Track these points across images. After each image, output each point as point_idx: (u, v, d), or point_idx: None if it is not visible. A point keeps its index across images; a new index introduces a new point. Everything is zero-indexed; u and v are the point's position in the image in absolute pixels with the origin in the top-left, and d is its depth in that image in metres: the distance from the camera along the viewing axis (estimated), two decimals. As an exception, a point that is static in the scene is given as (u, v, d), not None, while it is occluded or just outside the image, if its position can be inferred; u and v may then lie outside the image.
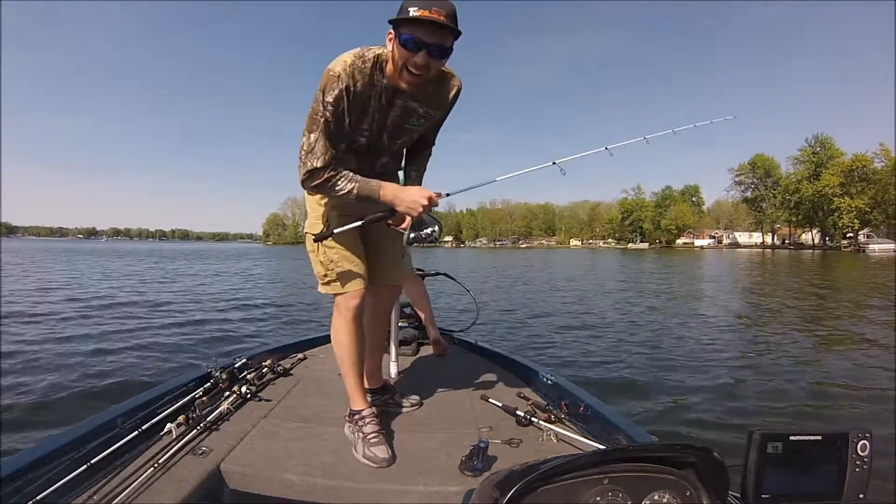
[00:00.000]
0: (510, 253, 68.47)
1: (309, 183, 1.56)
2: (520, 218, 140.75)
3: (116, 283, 14.88)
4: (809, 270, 25.48)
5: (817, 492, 0.96)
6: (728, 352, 6.24)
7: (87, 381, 4.46)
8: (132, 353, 5.58)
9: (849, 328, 7.94)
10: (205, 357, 4.45)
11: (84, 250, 49.63)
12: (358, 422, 1.74)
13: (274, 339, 6.44)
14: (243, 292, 13.17)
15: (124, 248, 68.83)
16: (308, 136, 1.50)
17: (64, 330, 6.94)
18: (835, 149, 78.82)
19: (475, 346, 3.17)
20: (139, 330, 7.11)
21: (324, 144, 1.50)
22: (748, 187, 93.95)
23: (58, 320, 7.77)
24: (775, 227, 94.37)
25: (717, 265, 32.04)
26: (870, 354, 6.09)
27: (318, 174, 1.52)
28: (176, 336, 6.76)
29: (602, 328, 7.87)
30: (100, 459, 1.44)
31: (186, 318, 8.33)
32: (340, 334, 1.82)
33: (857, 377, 4.97)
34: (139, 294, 11.84)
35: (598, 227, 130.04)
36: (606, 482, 0.93)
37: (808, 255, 54.94)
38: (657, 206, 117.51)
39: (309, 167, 1.51)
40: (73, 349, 5.71)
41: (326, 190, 1.57)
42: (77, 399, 4.02)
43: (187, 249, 67.12)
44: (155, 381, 4.13)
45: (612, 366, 5.39)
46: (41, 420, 3.54)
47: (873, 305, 10.74)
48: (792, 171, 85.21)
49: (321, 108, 1.48)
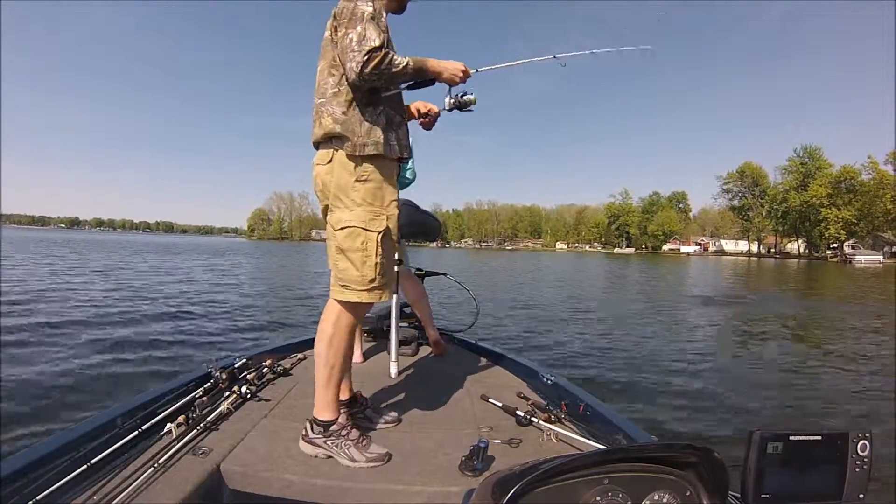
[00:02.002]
0: (495, 254, 68.09)
1: (369, 64, 1.51)
2: (506, 219, 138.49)
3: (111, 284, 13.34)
4: (807, 280, 25.60)
5: (817, 492, 0.95)
6: (728, 352, 6.29)
7: (87, 380, 4.38)
8: (128, 356, 5.38)
9: (850, 335, 7.94)
10: (204, 357, 4.23)
11: (75, 241, 47.83)
12: (340, 432, 1.64)
13: (273, 339, 6.31)
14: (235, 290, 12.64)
15: (112, 239, 66.82)
16: (355, 29, 1.52)
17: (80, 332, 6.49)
18: (823, 160, 79.22)
19: (475, 346, 3.19)
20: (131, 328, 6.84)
21: (375, 27, 1.52)
22: (735, 195, 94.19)
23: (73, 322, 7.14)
24: (761, 236, 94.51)
25: (709, 273, 32.14)
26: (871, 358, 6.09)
27: (376, 52, 1.51)
28: (173, 336, 6.53)
29: (601, 328, 7.83)
30: (100, 459, 1.43)
31: (183, 318, 8.02)
32: (344, 339, 1.70)
33: (857, 378, 5.05)
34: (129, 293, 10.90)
35: (585, 230, 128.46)
36: (606, 482, 0.93)
37: (794, 264, 55.16)
38: (644, 211, 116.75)
39: (368, 48, 1.50)
40: (77, 348, 5.55)
41: (385, 68, 1.53)
42: (77, 398, 3.93)
43: (184, 243, 64.76)
44: (155, 381, 4.13)
45: (611, 366, 5.38)
46: (40, 421, 3.43)
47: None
48: (780, 181, 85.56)
49: (363, 3, 1.54)
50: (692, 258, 77.79)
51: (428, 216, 3.01)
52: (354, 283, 1.64)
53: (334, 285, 1.69)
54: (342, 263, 1.65)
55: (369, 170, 1.65)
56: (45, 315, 7.39)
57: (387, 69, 1.53)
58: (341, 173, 1.64)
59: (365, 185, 1.64)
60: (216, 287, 13.27)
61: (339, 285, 1.67)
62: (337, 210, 1.67)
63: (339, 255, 1.65)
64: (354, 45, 1.51)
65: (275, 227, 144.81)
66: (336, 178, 1.65)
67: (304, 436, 1.68)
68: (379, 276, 1.65)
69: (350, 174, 1.64)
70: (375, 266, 1.63)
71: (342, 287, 1.66)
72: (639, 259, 62.67)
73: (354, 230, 1.63)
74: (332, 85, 1.64)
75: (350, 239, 1.63)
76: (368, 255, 1.63)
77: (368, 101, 1.65)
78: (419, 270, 3.34)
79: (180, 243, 64.08)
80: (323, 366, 1.68)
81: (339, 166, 1.65)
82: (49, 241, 46.59)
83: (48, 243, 39.32)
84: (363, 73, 1.51)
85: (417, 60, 1.63)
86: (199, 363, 2.35)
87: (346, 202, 1.65)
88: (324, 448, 1.64)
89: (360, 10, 1.53)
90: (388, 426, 1.94)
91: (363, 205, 1.64)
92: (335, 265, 1.68)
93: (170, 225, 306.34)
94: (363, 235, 1.62)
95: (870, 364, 5.84)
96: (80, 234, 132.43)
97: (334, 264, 1.68)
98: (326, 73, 1.66)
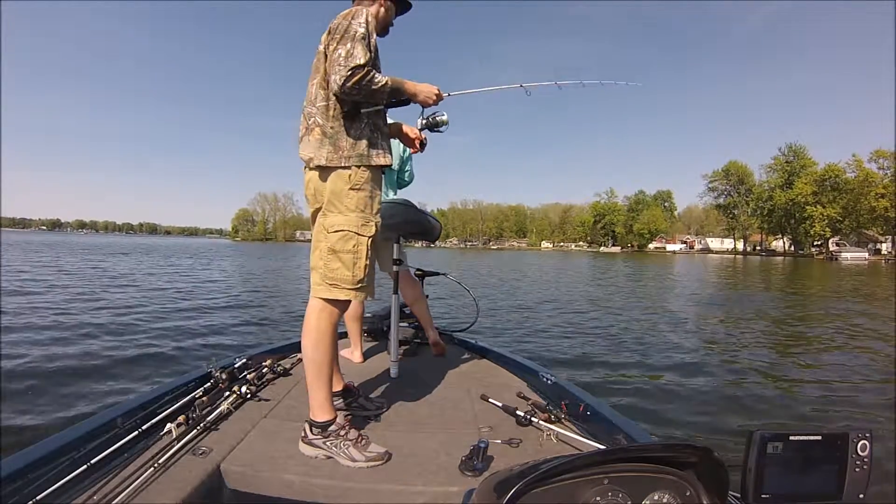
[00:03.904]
0: (481, 254, 66.28)
1: (350, 80, 1.60)
2: (491, 219, 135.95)
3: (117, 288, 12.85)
4: (802, 277, 25.17)
5: (817, 492, 0.94)
6: (728, 353, 6.19)
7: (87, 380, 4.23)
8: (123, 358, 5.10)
9: (850, 332, 7.84)
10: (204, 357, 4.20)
11: (71, 244, 44.01)
12: (339, 432, 1.66)
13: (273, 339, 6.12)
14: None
15: (99, 242, 63.06)
16: (344, 46, 1.63)
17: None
18: (807, 158, 79.44)
19: (475, 346, 3.17)
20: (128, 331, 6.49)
21: (362, 48, 1.63)
22: (721, 194, 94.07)
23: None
24: (747, 234, 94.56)
25: (698, 271, 31.83)
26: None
27: (359, 70, 1.60)
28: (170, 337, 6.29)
29: (599, 329, 7.73)
30: (100, 459, 1.43)
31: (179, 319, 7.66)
32: (328, 337, 1.74)
33: (857, 378, 4.99)
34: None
35: (570, 229, 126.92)
36: (606, 482, 0.92)
37: (780, 261, 54.83)
38: (630, 210, 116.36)
39: (353, 64, 1.60)
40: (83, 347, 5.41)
41: (365, 85, 1.63)
42: (77, 398, 3.80)
43: (164, 246, 59.24)
44: (155, 381, 4.07)
45: (611, 366, 5.32)
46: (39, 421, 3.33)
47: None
48: (765, 179, 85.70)
49: (356, 24, 1.66)
50: (678, 256, 77.57)
51: (429, 217, 2.83)
52: (344, 282, 1.73)
53: (320, 284, 1.74)
54: (334, 264, 1.73)
55: (362, 179, 1.75)
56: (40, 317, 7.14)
57: (367, 85, 1.64)
58: (336, 181, 1.73)
59: (358, 193, 1.74)
60: (210, 288, 12.76)
61: (328, 284, 1.73)
62: (331, 214, 1.75)
63: (332, 256, 1.73)
64: (341, 61, 1.62)
65: (259, 228, 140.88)
66: (331, 185, 1.74)
67: (304, 437, 1.69)
68: (366, 277, 1.77)
69: (345, 182, 1.73)
70: (364, 267, 1.75)
71: (330, 286, 1.73)
72: (625, 257, 61.99)
73: (347, 234, 1.73)
74: (322, 97, 1.74)
75: (343, 242, 1.72)
76: (359, 257, 1.74)
77: (355, 114, 1.75)
78: (419, 271, 3.30)
79: (161, 245, 59.25)
80: (311, 366, 1.72)
81: (334, 174, 1.74)
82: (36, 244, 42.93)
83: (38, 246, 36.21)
84: (344, 86, 1.61)
85: (396, 81, 1.75)
86: (199, 363, 2.31)
87: (340, 207, 1.74)
88: (323, 449, 1.65)
89: (353, 28, 1.65)
90: (381, 411, 2.05)
91: (356, 211, 1.74)
92: (326, 265, 1.73)
93: (153, 226, 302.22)
94: (355, 239, 1.73)
95: (871, 364, 5.74)
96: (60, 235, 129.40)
97: (325, 264, 1.74)
98: (318, 85, 1.75)
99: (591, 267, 32.58)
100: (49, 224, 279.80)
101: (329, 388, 1.74)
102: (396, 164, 2.97)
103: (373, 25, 1.71)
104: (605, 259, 52.70)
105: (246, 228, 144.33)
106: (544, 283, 18.20)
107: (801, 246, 79.50)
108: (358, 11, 1.70)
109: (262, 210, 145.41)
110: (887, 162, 65.68)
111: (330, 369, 1.74)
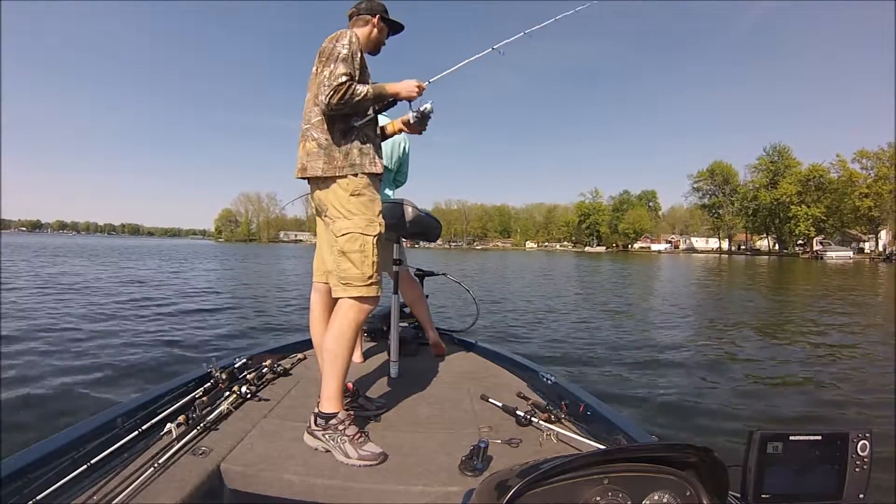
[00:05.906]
0: (466, 254, 65.19)
1: (335, 96, 1.73)
2: (475, 219, 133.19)
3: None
4: (794, 277, 25.11)
5: (817, 492, 0.94)
6: (727, 353, 6.08)
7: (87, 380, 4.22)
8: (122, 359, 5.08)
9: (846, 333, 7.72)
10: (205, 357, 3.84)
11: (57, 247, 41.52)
12: (338, 426, 1.67)
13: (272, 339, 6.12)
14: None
15: (90, 244, 59.90)
16: (328, 67, 1.76)
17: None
18: (792, 158, 79.49)
19: (475, 346, 3.15)
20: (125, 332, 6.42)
21: (345, 66, 1.76)
22: (706, 194, 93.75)
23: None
24: (732, 234, 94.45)
25: (683, 270, 31.94)
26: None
27: (342, 86, 1.72)
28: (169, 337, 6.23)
29: (599, 329, 7.62)
30: (100, 459, 1.42)
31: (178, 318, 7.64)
32: (352, 333, 1.79)
33: (856, 378, 4.88)
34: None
35: (555, 229, 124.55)
36: (606, 482, 0.92)
37: (766, 261, 54.71)
38: (614, 209, 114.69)
39: (336, 83, 1.72)
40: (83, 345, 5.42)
41: (349, 97, 1.74)
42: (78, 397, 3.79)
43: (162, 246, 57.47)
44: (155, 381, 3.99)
45: (610, 366, 5.24)
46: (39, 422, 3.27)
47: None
48: (750, 179, 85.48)
49: (340, 45, 1.78)
50: (663, 256, 77.00)
51: (429, 217, 2.77)
52: (355, 279, 1.80)
53: (336, 285, 1.83)
54: (344, 264, 1.81)
55: (360, 185, 1.84)
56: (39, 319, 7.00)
57: (350, 98, 1.75)
58: (336, 189, 1.84)
59: (359, 198, 1.84)
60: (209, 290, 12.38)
61: (342, 284, 1.81)
62: (337, 220, 1.84)
63: (342, 258, 1.81)
64: (326, 81, 1.75)
65: (242, 229, 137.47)
66: (332, 194, 1.85)
67: (308, 427, 1.72)
68: (375, 273, 1.84)
69: (344, 190, 1.83)
70: (372, 264, 1.82)
71: (344, 285, 1.81)
72: (610, 257, 61.48)
73: (353, 235, 1.81)
74: (315, 113, 1.85)
75: (350, 243, 1.81)
76: (366, 255, 1.81)
77: (346, 129, 1.85)
78: (419, 271, 3.30)
79: (142, 246, 55.73)
80: (328, 356, 1.77)
81: (334, 184, 1.84)
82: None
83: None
84: (331, 103, 1.74)
85: (376, 87, 1.86)
86: (199, 363, 2.29)
87: (344, 212, 1.83)
88: (322, 441, 1.67)
89: (336, 50, 1.78)
90: (381, 412, 2.06)
91: (359, 214, 1.83)
92: (338, 266, 1.82)
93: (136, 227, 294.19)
94: (361, 239, 1.81)
95: (872, 363, 5.65)
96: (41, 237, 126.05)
97: (338, 266, 1.82)
98: (312, 103, 1.87)
99: (577, 267, 32.29)
100: (29, 225, 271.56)
101: (341, 382, 1.76)
102: (395, 165, 2.94)
103: (356, 45, 1.83)
104: (590, 259, 52.16)
105: (229, 229, 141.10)
106: (536, 283, 17.90)
107: (786, 245, 79.68)
108: (342, 34, 1.83)
109: (246, 210, 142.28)
110: (870, 162, 66.00)
111: (345, 363, 1.76)
